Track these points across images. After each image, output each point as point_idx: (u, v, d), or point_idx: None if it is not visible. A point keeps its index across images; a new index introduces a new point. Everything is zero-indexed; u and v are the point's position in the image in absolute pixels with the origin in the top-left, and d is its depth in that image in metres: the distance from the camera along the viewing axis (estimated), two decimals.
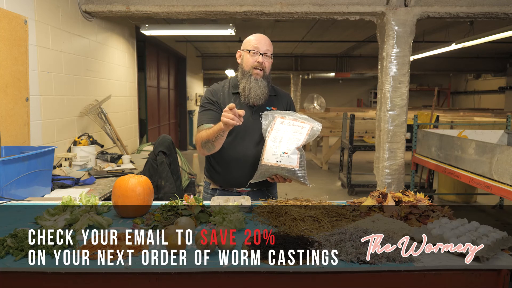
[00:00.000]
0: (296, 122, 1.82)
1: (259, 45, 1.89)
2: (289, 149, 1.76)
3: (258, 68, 1.89)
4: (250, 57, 1.90)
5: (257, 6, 3.90)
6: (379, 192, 1.77)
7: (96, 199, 1.66)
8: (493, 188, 3.13)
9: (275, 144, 1.77)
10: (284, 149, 1.75)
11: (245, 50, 1.93)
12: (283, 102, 2.05)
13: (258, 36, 1.94)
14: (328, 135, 7.88)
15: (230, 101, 1.93)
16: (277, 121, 1.81)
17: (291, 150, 1.76)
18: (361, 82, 17.95)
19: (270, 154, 1.75)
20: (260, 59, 1.89)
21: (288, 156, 1.75)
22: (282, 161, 1.74)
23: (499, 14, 3.95)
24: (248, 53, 1.90)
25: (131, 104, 5.36)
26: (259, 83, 1.89)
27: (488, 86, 14.78)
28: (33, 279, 1.18)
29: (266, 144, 1.78)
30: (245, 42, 1.95)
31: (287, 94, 2.12)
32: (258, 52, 1.89)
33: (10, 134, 2.63)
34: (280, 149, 1.76)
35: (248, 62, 1.90)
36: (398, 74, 4.07)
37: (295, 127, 1.81)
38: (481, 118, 7.98)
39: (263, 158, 1.76)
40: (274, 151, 1.75)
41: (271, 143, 1.77)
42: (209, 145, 1.82)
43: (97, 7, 3.82)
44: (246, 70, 1.91)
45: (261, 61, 1.89)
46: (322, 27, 8.05)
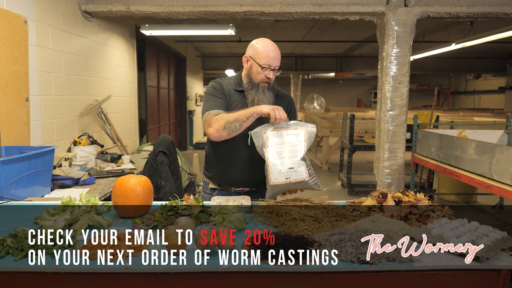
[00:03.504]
0: (289, 131, 1.73)
1: (272, 62, 1.85)
2: (294, 162, 1.69)
3: (266, 82, 1.90)
4: (261, 71, 1.86)
5: (257, 6, 3.90)
6: (379, 192, 1.77)
7: (96, 199, 1.66)
8: (493, 188, 3.13)
9: (278, 162, 1.69)
10: (289, 164, 1.68)
11: (255, 61, 1.87)
12: (285, 103, 2.05)
13: (270, 50, 1.86)
14: (328, 135, 7.87)
15: (235, 97, 1.94)
16: (269, 136, 1.71)
17: (297, 163, 1.69)
18: (361, 82, 17.96)
19: (276, 173, 1.67)
20: (271, 75, 1.87)
21: (296, 170, 1.68)
22: (292, 177, 1.68)
23: (499, 14, 3.95)
24: (258, 66, 1.86)
25: (131, 104, 5.36)
26: (266, 94, 1.89)
27: (488, 86, 14.78)
28: (33, 279, 1.18)
29: (268, 164, 1.69)
30: (256, 51, 1.87)
31: (288, 95, 2.12)
32: (269, 68, 1.86)
33: (10, 134, 2.63)
34: (284, 166, 1.68)
35: (258, 76, 1.88)
36: (398, 74, 4.07)
37: (290, 136, 1.73)
38: (481, 118, 7.99)
39: (270, 178, 1.68)
40: (280, 169, 1.68)
41: (273, 161, 1.69)
42: (235, 125, 1.75)
43: (97, 7, 3.83)
44: (255, 82, 1.89)
45: (272, 77, 1.88)
46: (322, 27, 8.05)
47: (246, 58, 1.93)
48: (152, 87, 7.86)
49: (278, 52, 1.88)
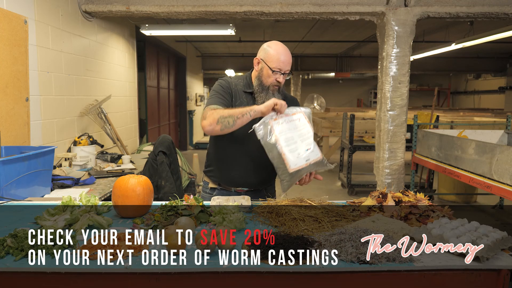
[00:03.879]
0: (289, 117, 1.75)
1: (283, 66, 1.85)
2: (309, 143, 1.73)
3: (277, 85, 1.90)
4: (272, 74, 1.87)
5: (257, 6, 3.90)
6: (379, 192, 1.77)
7: (96, 199, 1.66)
8: (493, 188, 3.13)
9: (293, 147, 1.70)
10: (305, 146, 1.71)
11: (267, 64, 1.87)
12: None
13: (282, 53, 1.86)
14: (328, 135, 7.86)
15: (242, 99, 1.93)
16: (273, 125, 1.71)
17: (312, 143, 1.73)
18: (361, 82, 17.95)
19: (295, 158, 1.67)
20: (281, 79, 1.88)
21: (313, 150, 1.72)
22: (311, 158, 1.70)
23: (499, 14, 3.95)
24: (269, 69, 1.86)
25: (131, 104, 5.36)
26: (276, 97, 1.88)
27: (488, 86, 14.78)
28: (33, 279, 1.18)
29: (284, 152, 1.68)
30: (268, 54, 1.87)
31: (295, 99, 2.11)
32: (280, 72, 1.87)
33: (10, 134, 2.63)
34: (302, 149, 1.70)
35: (269, 79, 1.88)
36: (398, 74, 4.07)
37: (293, 122, 1.75)
38: (481, 118, 7.98)
39: (290, 166, 1.67)
40: (299, 153, 1.69)
41: (289, 148, 1.69)
42: (229, 120, 1.73)
43: (97, 7, 3.83)
44: (265, 85, 1.90)
45: (282, 81, 1.89)
46: (322, 27, 8.05)
47: (257, 60, 1.93)
48: (152, 87, 7.86)
49: (290, 56, 1.88)
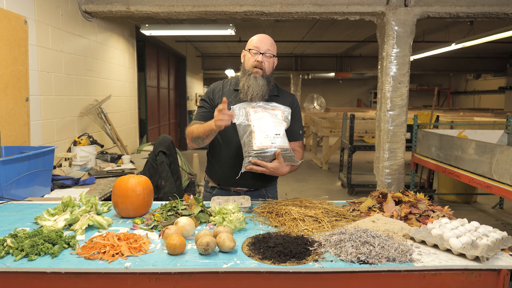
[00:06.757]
0: (268, 111, 1.82)
1: (260, 45, 1.91)
2: (280, 130, 1.76)
3: (258, 67, 1.91)
4: (251, 56, 1.93)
5: (257, 6, 3.90)
6: (379, 192, 1.77)
7: (96, 199, 1.66)
8: (493, 188, 3.13)
9: (263, 128, 1.76)
10: (275, 131, 1.75)
11: (246, 49, 1.97)
12: (286, 103, 2.03)
13: (260, 36, 1.96)
14: (328, 135, 7.87)
15: (231, 97, 1.96)
16: (250, 112, 1.80)
17: (282, 131, 1.77)
18: (361, 82, 17.96)
19: (262, 138, 1.73)
20: (260, 58, 1.90)
21: (281, 136, 1.75)
22: (277, 142, 1.73)
23: (499, 14, 3.95)
24: (249, 52, 1.94)
25: (131, 104, 5.36)
26: (258, 81, 1.90)
27: (488, 86, 14.79)
28: (33, 279, 1.18)
29: (254, 131, 1.75)
30: (248, 42, 1.99)
31: (292, 95, 2.11)
32: (259, 52, 1.91)
33: (10, 134, 2.63)
34: (271, 132, 1.75)
35: (249, 61, 1.93)
36: (398, 74, 4.08)
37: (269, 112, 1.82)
38: (481, 118, 7.99)
39: (255, 143, 1.72)
40: (266, 134, 1.74)
41: (259, 128, 1.76)
42: (199, 141, 1.90)
43: (97, 7, 3.83)
44: (246, 69, 1.94)
45: (261, 60, 1.90)
46: (322, 27, 8.06)
47: (243, 53, 2.01)
48: (152, 87, 7.86)
49: (268, 38, 1.95)
